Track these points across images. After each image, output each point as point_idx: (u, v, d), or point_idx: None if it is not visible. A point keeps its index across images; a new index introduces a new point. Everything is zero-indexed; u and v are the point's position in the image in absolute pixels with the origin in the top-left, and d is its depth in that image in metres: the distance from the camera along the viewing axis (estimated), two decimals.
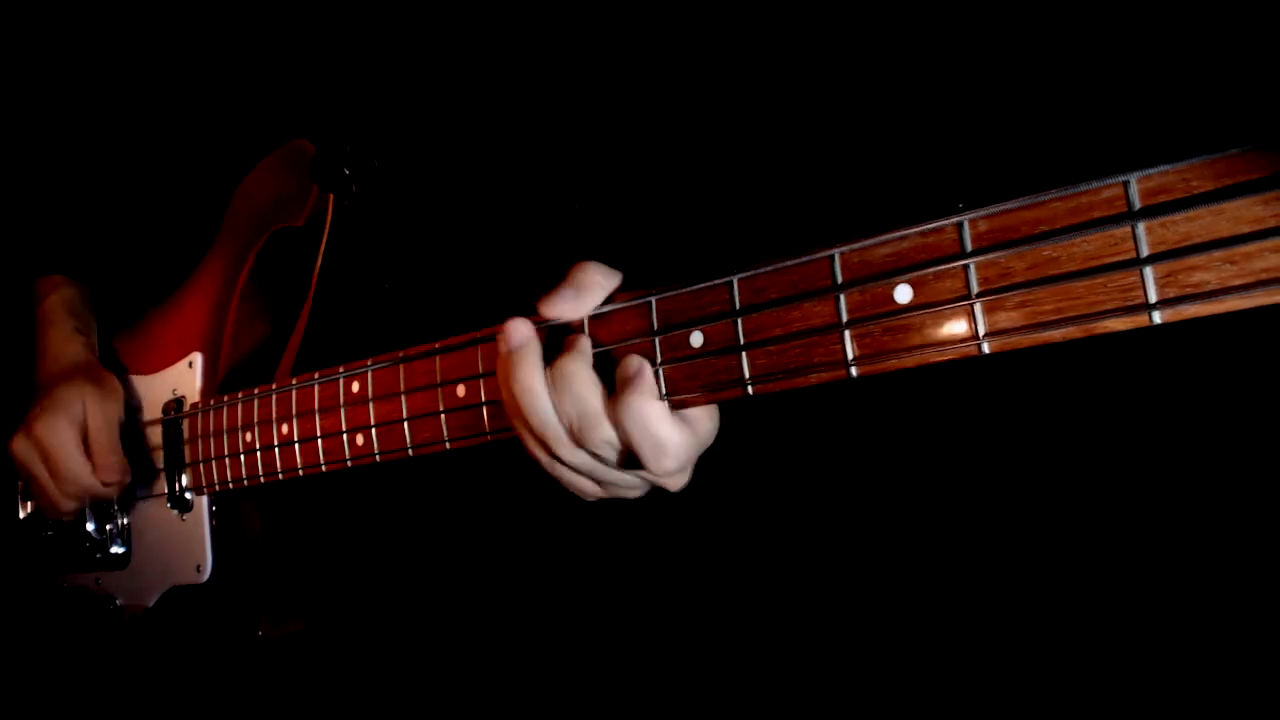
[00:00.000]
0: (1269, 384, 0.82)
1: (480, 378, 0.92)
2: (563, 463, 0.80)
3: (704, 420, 0.77)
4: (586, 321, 0.81)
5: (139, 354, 1.46)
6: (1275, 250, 0.51)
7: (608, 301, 0.81)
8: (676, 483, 0.78)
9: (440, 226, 1.23)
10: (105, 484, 1.32)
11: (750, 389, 0.73)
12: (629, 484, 0.81)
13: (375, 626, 1.35)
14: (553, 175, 1.14)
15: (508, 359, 0.79)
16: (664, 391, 0.77)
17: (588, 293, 0.79)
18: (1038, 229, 0.59)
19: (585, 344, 0.78)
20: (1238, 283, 0.52)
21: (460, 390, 0.94)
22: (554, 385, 0.77)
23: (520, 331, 0.80)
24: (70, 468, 1.30)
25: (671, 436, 0.73)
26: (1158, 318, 0.55)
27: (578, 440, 0.77)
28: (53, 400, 1.33)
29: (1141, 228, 0.55)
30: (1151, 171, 0.55)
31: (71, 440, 1.31)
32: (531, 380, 0.78)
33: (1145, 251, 0.55)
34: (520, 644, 1.27)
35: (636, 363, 0.75)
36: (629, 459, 0.76)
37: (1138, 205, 0.55)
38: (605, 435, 0.75)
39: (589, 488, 0.82)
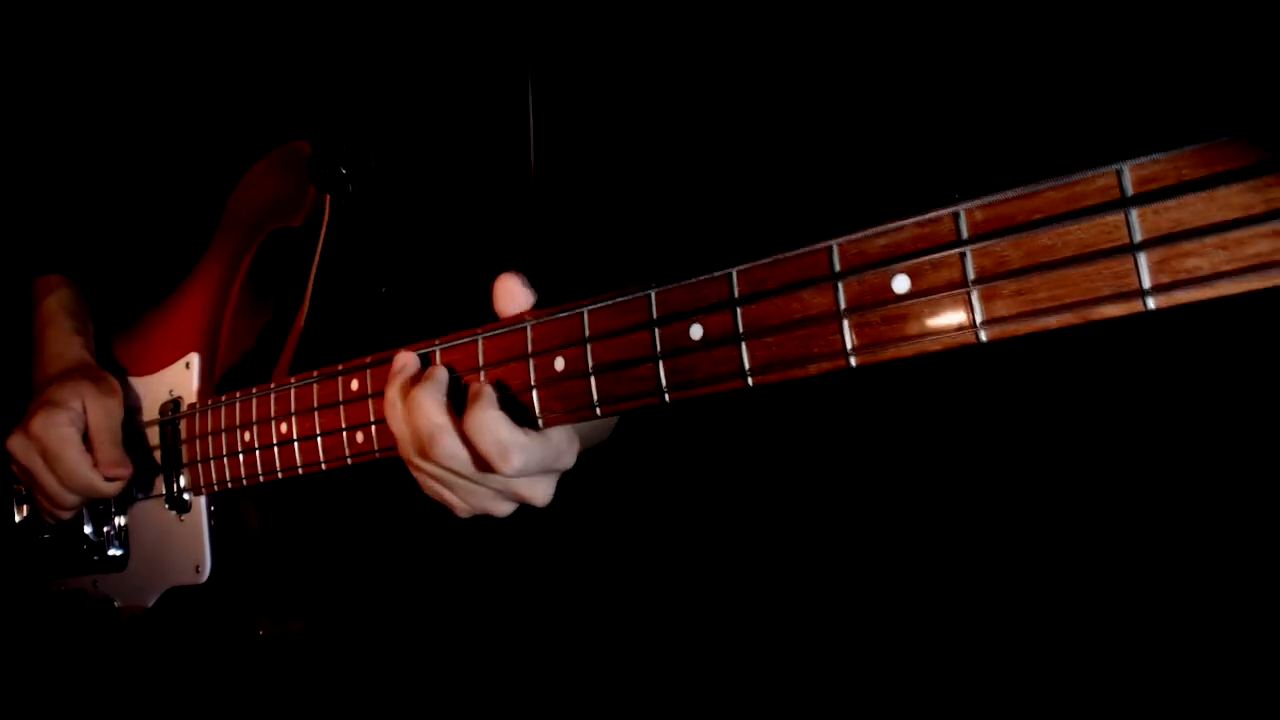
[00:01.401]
0: (1262, 370, 0.83)
1: (480, 371, 0.93)
2: (421, 471, 0.91)
3: (556, 433, 0.86)
4: (437, 352, 0.94)
5: (136, 355, 1.46)
6: (1266, 236, 0.52)
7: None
8: (536, 492, 0.88)
9: (436, 226, 1.24)
10: (108, 479, 1.31)
11: (750, 380, 0.73)
12: (483, 493, 0.90)
13: (375, 625, 1.35)
14: (549, 174, 1.14)
15: (389, 380, 0.93)
16: (666, 385, 0.78)
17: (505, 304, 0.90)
18: (1033, 218, 0.60)
19: (439, 373, 0.91)
20: (1229, 268, 0.53)
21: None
22: (410, 406, 0.88)
23: (399, 361, 0.94)
24: (72, 464, 1.29)
25: (514, 438, 0.82)
26: (1152, 303, 0.56)
27: (426, 451, 0.87)
28: (51, 398, 1.32)
29: (1135, 214, 0.56)
30: (1144, 160, 0.56)
31: (72, 436, 1.30)
32: (398, 403, 0.91)
33: (1139, 238, 0.56)
34: (519, 643, 1.28)
35: (479, 384, 0.86)
36: (482, 467, 0.85)
37: (1130, 193, 0.56)
38: (446, 447, 0.85)
39: (450, 498, 0.93)
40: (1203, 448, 0.89)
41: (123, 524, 1.45)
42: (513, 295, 0.89)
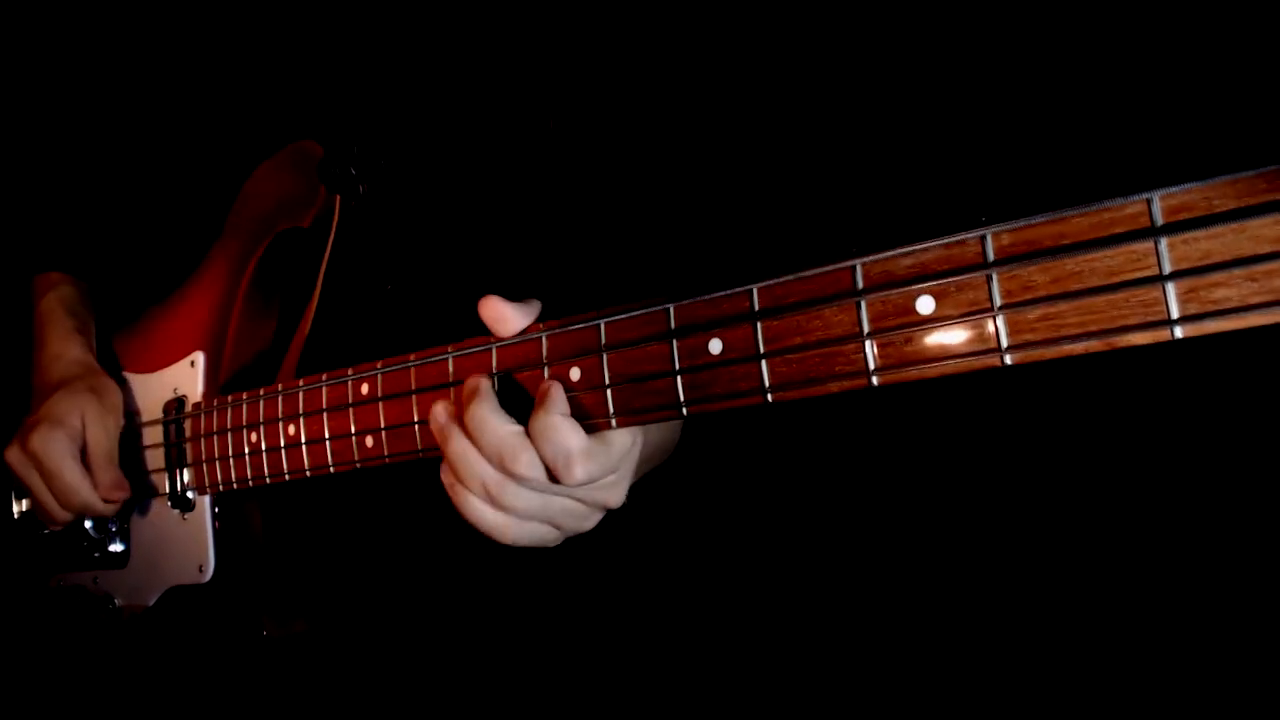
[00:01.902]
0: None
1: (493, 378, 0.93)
2: (511, 512, 0.83)
3: (620, 435, 0.81)
4: (495, 350, 0.88)
5: (139, 352, 1.45)
6: None
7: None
8: (609, 496, 0.82)
9: (447, 228, 1.23)
10: (106, 501, 1.30)
11: (770, 396, 0.74)
12: (570, 510, 0.84)
13: (379, 627, 1.35)
14: (561, 177, 1.14)
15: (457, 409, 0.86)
16: (683, 400, 0.78)
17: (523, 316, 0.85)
18: (1060, 243, 0.60)
19: (481, 384, 0.84)
20: (1258, 300, 0.53)
21: None
22: (473, 432, 0.81)
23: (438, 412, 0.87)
24: (69, 484, 1.28)
25: (577, 444, 0.76)
26: (1179, 333, 0.56)
27: (509, 472, 0.79)
28: (51, 412, 1.31)
29: (1164, 244, 0.56)
30: (1175, 189, 0.56)
31: (69, 454, 1.29)
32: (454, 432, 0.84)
33: (1168, 268, 0.56)
34: (523, 645, 1.28)
35: (545, 384, 0.81)
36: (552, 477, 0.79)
37: (1160, 222, 0.56)
38: (529, 462, 0.78)
39: (544, 533, 0.85)
40: (1219, 470, 0.90)
41: (124, 521, 1.44)
42: (504, 319, 0.85)
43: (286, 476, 1.15)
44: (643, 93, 1.07)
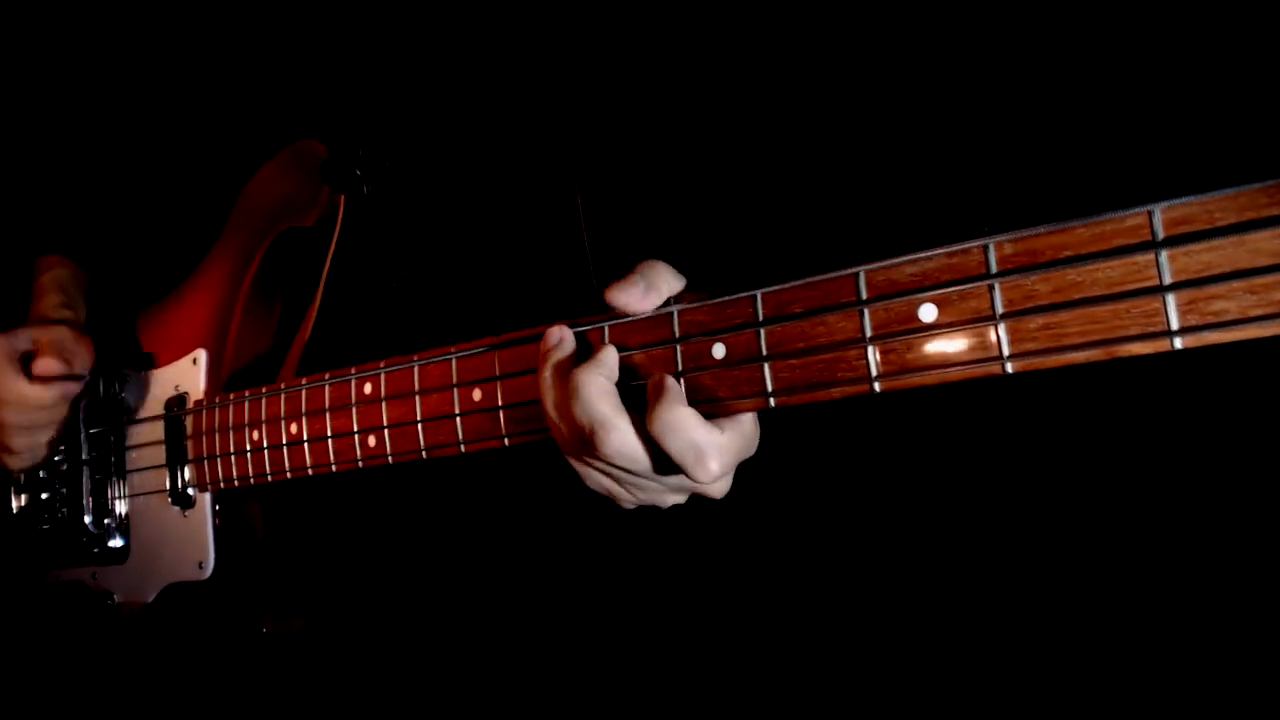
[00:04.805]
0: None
1: (496, 381, 0.93)
2: (588, 464, 0.81)
3: (746, 422, 0.77)
4: (607, 330, 0.83)
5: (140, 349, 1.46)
6: None
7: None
8: (719, 489, 0.79)
9: (451, 228, 1.24)
10: (37, 377, 1.23)
11: (773, 401, 0.74)
12: (661, 490, 0.81)
13: (378, 624, 1.36)
14: (565, 179, 1.15)
15: (541, 359, 0.82)
16: (687, 401, 0.78)
17: (654, 292, 0.79)
18: (1062, 254, 0.61)
19: (606, 356, 0.80)
20: (1257, 312, 0.54)
21: (476, 394, 0.95)
22: (569, 393, 0.77)
23: (553, 336, 0.83)
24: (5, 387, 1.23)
25: (711, 439, 0.73)
26: (1179, 343, 0.57)
27: (593, 447, 0.77)
28: None
29: (1165, 256, 0.57)
30: (1176, 203, 0.57)
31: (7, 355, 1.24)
32: (552, 383, 0.81)
33: (1168, 279, 0.57)
34: (523, 644, 1.28)
35: (659, 376, 0.77)
36: (669, 467, 0.76)
37: (1161, 235, 0.57)
38: (618, 445, 0.75)
39: (619, 492, 0.83)
40: (1220, 478, 0.91)
41: (124, 515, 1.45)
42: (629, 304, 0.79)
43: (288, 475, 1.16)
44: (651, 96, 1.08)
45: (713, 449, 0.72)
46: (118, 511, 1.45)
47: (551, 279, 1.09)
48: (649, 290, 0.78)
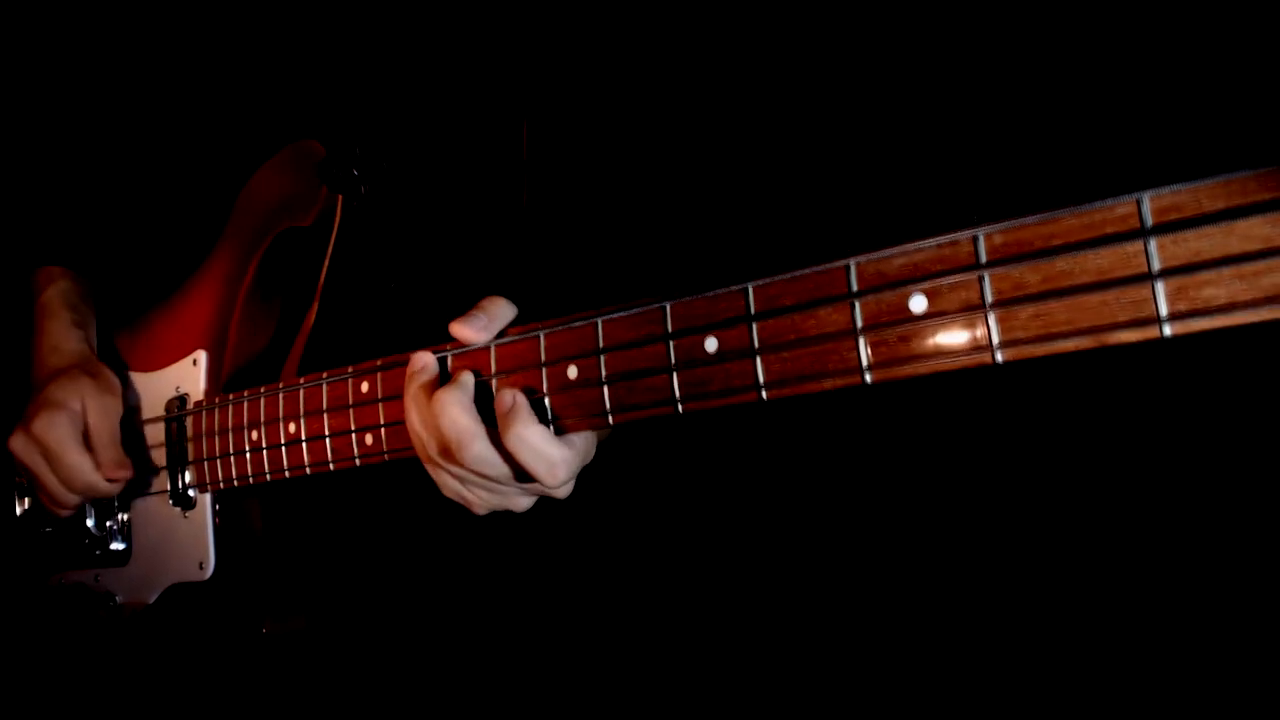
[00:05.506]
0: (1271, 395, 0.85)
1: (492, 379, 0.93)
2: (441, 470, 0.91)
3: (581, 439, 0.86)
4: (449, 357, 0.94)
5: (141, 351, 1.46)
6: None
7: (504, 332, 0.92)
8: (565, 491, 0.89)
9: (448, 228, 1.24)
10: (109, 480, 1.32)
11: (765, 394, 0.74)
12: (508, 492, 0.91)
13: (378, 624, 1.36)
14: (560, 178, 1.15)
15: (407, 382, 0.93)
16: (679, 396, 0.78)
17: (495, 322, 0.91)
18: (1051, 243, 0.61)
19: (466, 378, 0.90)
20: (1246, 298, 0.54)
21: None
22: (434, 410, 0.87)
23: (417, 362, 0.94)
24: (73, 465, 1.30)
25: (560, 454, 0.82)
26: (1168, 330, 0.56)
27: (452, 458, 0.86)
28: (51, 397, 1.32)
29: (1154, 244, 0.57)
30: (1164, 191, 0.56)
31: (72, 436, 1.31)
32: (419, 404, 0.91)
33: (1157, 266, 0.57)
34: (522, 642, 1.28)
35: (509, 396, 0.84)
36: (520, 476, 0.86)
37: (1150, 223, 0.57)
38: (477, 454, 0.85)
39: (470, 497, 0.94)
40: (1213, 467, 0.90)
41: (126, 518, 1.45)
42: (466, 339, 0.91)
43: (287, 474, 1.16)
44: (641, 94, 1.08)
45: (562, 463, 0.82)
46: (119, 514, 1.46)
47: (551, 278, 1.09)
48: (491, 321, 0.91)
